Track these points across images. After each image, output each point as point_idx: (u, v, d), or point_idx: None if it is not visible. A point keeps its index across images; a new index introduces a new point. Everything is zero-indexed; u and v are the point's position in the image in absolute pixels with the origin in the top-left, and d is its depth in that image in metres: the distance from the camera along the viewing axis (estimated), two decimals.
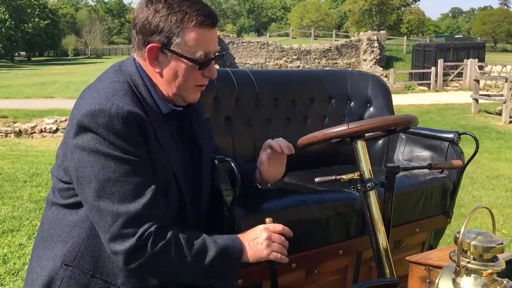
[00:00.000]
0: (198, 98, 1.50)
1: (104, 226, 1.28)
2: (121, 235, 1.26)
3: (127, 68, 1.43)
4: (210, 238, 1.38)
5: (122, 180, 1.26)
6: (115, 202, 1.26)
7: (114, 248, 1.28)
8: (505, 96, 12.41)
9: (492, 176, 6.91)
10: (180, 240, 1.33)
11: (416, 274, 1.45)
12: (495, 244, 1.11)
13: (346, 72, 2.78)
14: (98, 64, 44.66)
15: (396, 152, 2.65)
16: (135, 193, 1.28)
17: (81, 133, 1.28)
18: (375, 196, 1.62)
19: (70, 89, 20.79)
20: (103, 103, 1.28)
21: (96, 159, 1.26)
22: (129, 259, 1.28)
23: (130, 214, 1.27)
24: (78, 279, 1.36)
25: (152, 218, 1.30)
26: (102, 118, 1.26)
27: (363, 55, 26.51)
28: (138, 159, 1.29)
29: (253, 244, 1.43)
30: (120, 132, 1.27)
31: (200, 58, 1.39)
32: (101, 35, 71.47)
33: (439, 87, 21.64)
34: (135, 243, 1.26)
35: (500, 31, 66.38)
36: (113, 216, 1.26)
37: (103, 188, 1.26)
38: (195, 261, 1.33)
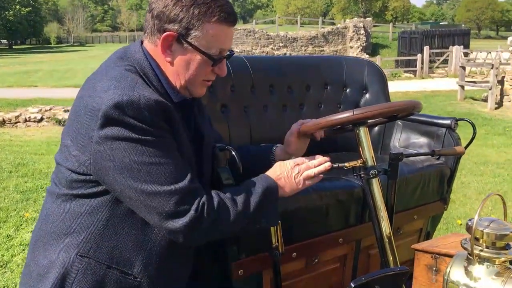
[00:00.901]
0: (204, 93, 1.47)
1: (157, 208, 1.27)
2: (178, 212, 1.28)
3: (135, 55, 1.38)
4: (249, 189, 1.43)
5: (163, 161, 1.27)
6: (163, 183, 1.26)
7: (173, 226, 1.28)
8: (491, 82, 12.50)
9: (480, 162, 6.97)
10: (226, 200, 1.37)
11: (422, 262, 1.44)
12: (508, 231, 1.09)
13: (342, 59, 2.75)
14: (81, 52, 44.10)
15: (393, 139, 2.63)
16: (179, 171, 1.29)
17: (109, 125, 1.23)
18: (378, 183, 1.59)
19: (54, 78, 20.51)
20: (129, 93, 1.24)
21: (132, 146, 1.24)
22: (190, 232, 1.30)
23: (183, 190, 1.28)
24: (94, 270, 1.33)
25: (199, 189, 1.33)
26: (132, 110, 1.23)
27: (349, 42, 26.51)
28: (170, 140, 1.30)
29: (287, 179, 1.50)
30: (150, 121, 1.25)
31: (215, 54, 1.36)
32: (84, 23, 70.47)
33: (425, 74, 21.75)
34: (194, 215, 1.29)
35: (484, 18, 66.92)
36: (166, 196, 1.27)
37: (147, 173, 1.25)
38: (243, 213, 1.38)
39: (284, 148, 1.71)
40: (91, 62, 26.77)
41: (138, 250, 1.36)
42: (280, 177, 1.50)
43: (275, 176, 1.49)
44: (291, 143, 1.68)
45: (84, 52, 43.30)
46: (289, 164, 1.52)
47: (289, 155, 1.69)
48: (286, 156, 1.70)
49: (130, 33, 73.34)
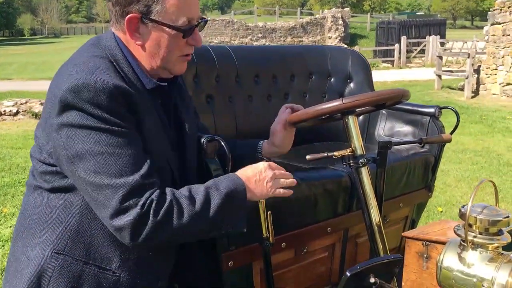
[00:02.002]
0: (185, 69, 1.42)
1: (104, 202, 1.20)
2: (123, 208, 1.19)
3: (106, 42, 1.33)
4: (212, 187, 1.32)
5: (116, 152, 1.20)
6: (112, 176, 1.19)
7: (118, 223, 1.20)
8: (467, 71, 12.69)
9: (458, 150, 7.08)
10: (181, 199, 1.27)
11: (413, 250, 1.44)
12: (501, 217, 1.10)
13: (326, 48, 2.74)
14: (56, 44, 43.27)
15: (377, 128, 2.64)
16: (131, 164, 1.21)
17: (66, 111, 1.19)
18: (367, 172, 1.59)
19: (28, 70, 20.10)
20: (87, 77, 1.19)
21: (86, 134, 1.18)
22: (135, 231, 1.21)
23: (130, 185, 1.20)
24: (71, 267, 1.29)
25: (151, 186, 1.24)
26: (87, 93, 1.17)
27: (328, 33, 26.57)
28: (128, 130, 1.23)
29: (258, 183, 1.39)
30: (107, 107, 1.19)
31: (183, 25, 1.31)
32: (59, 14, 69.02)
33: (402, 64, 21.98)
34: (139, 212, 1.19)
35: (459, 8, 67.77)
36: (112, 190, 1.19)
37: (97, 163, 1.19)
38: (201, 214, 1.27)
39: (271, 139, 1.66)
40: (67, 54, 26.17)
41: (115, 245, 1.31)
42: (250, 178, 1.39)
43: (245, 177, 1.38)
44: (277, 132, 1.64)
45: (59, 44, 42.50)
46: (262, 166, 1.41)
47: (275, 147, 1.66)
48: (273, 149, 1.66)
49: (106, 24, 72.12)
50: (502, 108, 10.89)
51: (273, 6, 45.57)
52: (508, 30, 11.63)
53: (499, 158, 6.65)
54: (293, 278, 1.98)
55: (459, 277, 1.14)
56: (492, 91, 12.34)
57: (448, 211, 4.67)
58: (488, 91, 12.47)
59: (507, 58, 11.73)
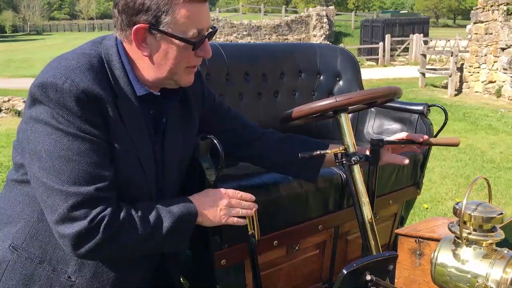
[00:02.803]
0: (192, 81, 1.37)
1: (52, 206, 1.17)
2: (71, 217, 1.16)
3: (107, 42, 1.29)
4: (165, 209, 1.30)
5: (75, 159, 1.16)
6: (65, 182, 1.15)
7: (62, 231, 1.16)
8: (451, 69, 12.83)
9: (442, 148, 7.13)
10: (134, 220, 1.23)
11: (406, 247, 1.45)
12: (495, 214, 1.12)
13: (316, 46, 2.74)
14: (39, 41, 42.66)
15: (366, 126, 2.66)
16: (88, 174, 1.17)
17: (35, 104, 1.17)
18: (360, 169, 1.59)
19: (10, 68, 19.80)
20: (57, 75, 1.15)
21: (48, 133, 1.15)
22: (78, 243, 1.17)
23: (81, 195, 1.16)
24: (25, 264, 1.27)
25: (104, 201, 1.19)
26: (53, 92, 1.14)
27: (313, 31, 26.65)
28: (94, 138, 1.18)
29: (212, 209, 1.38)
30: (74, 110, 1.15)
31: (193, 37, 1.26)
32: (41, 10, 68.07)
33: (387, 62, 22.14)
34: (86, 226, 1.16)
35: (441, 6, 68.49)
36: (63, 196, 1.15)
37: (53, 165, 1.15)
38: (150, 236, 1.26)
39: None
40: (49, 51, 25.91)
41: None
42: (205, 203, 1.38)
43: (199, 202, 1.38)
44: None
45: (42, 41, 41.93)
46: (219, 193, 1.41)
47: None
48: None
49: (90, 21, 71.38)
50: (484, 106, 11.04)
51: (258, 3, 45.55)
52: (490, 28, 11.78)
53: (483, 155, 6.74)
54: (285, 275, 1.99)
55: (453, 274, 1.16)
56: (475, 89, 12.50)
57: (433, 207, 4.72)
58: (471, 89, 12.63)
59: (489, 57, 11.89)
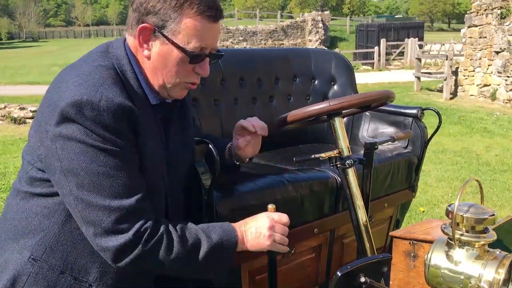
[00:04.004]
0: (184, 96, 1.39)
1: (95, 221, 1.19)
2: (115, 230, 1.19)
3: (116, 51, 1.31)
4: (204, 233, 1.31)
5: (113, 174, 1.18)
6: (106, 197, 1.18)
7: (106, 244, 1.19)
8: (446, 73, 12.89)
9: (438, 151, 7.17)
10: (173, 236, 1.26)
11: (400, 249, 1.46)
12: (487, 215, 1.13)
13: (310, 50, 2.76)
14: (34, 48, 42.63)
15: (361, 129, 2.67)
16: (127, 187, 1.20)
17: (65, 123, 1.16)
18: (354, 173, 1.61)
19: (6, 75, 19.76)
20: (91, 93, 1.16)
21: (83, 151, 1.16)
22: (120, 255, 1.20)
23: (125, 209, 1.19)
24: (46, 275, 1.27)
25: (145, 213, 1.23)
26: (90, 111, 1.15)
27: (308, 36, 26.74)
28: (128, 152, 1.21)
29: (255, 234, 1.38)
30: (109, 126, 1.17)
31: (193, 50, 1.27)
32: (37, 17, 68.05)
33: (382, 66, 22.23)
34: (130, 238, 1.19)
35: (436, 11, 68.94)
36: (106, 211, 1.18)
37: (92, 182, 1.17)
38: (188, 257, 1.27)
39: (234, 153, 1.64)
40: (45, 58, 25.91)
41: (95, 257, 1.29)
42: (246, 231, 1.38)
43: (240, 229, 1.38)
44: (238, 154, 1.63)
45: (38, 48, 41.90)
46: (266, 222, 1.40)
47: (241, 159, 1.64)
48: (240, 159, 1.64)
49: (86, 28, 71.39)
50: (479, 109, 11.09)
51: (254, 9, 45.70)
52: (484, 32, 11.86)
53: (478, 158, 6.77)
54: (281, 279, 1.98)
55: (446, 275, 1.17)
56: (470, 92, 12.57)
57: (429, 210, 4.73)
58: (466, 93, 12.69)
59: (484, 60, 11.96)
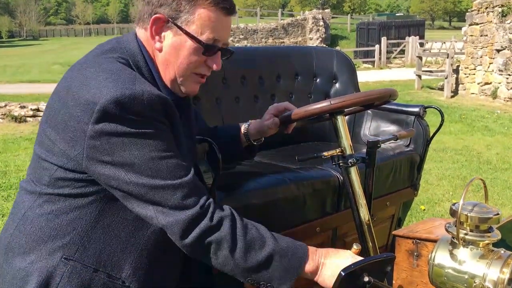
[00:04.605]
0: (196, 91, 1.40)
1: (160, 201, 1.21)
2: (182, 206, 1.21)
3: (128, 45, 1.31)
4: (271, 233, 1.30)
5: (165, 155, 1.21)
6: (167, 178, 1.21)
7: (174, 218, 1.21)
8: (447, 71, 12.88)
9: (439, 149, 7.17)
10: (236, 220, 1.26)
11: (404, 248, 1.46)
12: (491, 215, 1.12)
13: (312, 48, 2.76)
14: (35, 46, 42.65)
15: (363, 128, 2.66)
16: (182, 166, 1.24)
17: (107, 120, 1.16)
18: (357, 171, 1.60)
19: (7, 73, 19.78)
20: (132, 88, 1.18)
21: (132, 141, 1.18)
22: (189, 228, 1.21)
23: (187, 185, 1.22)
24: (80, 274, 1.25)
25: (204, 189, 1.27)
26: (135, 105, 1.17)
27: (309, 34, 26.72)
28: (171, 136, 1.25)
29: (333, 270, 1.28)
30: (152, 117, 1.20)
31: (207, 42, 1.29)
32: (37, 16, 68.03)
33: (383, 65, 22.22)
34: (198, 211, 1.22)
35: (437, 9, 68.86)
36: (170, 190, 1.21)
37: (149, 168, 1.19)
38: (247, 249, 1.25)
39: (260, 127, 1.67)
40: (46, 57, 25.92)
41: (128, 253, 1.30)
42: (325, 264, 1.30)
43: (315, 256, 1.31)
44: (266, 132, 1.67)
45: (38, 46, 41.92)
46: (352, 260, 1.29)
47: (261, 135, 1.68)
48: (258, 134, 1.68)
49: (86, 26, 71.36)
50: (480, 107, 11.08)
51: (254, 7, 45.69)
52: (485, 30, 11.84)
53: (479, 156, 6.76)
54: None
55: (451, 274, 1.16)
56: (471, 90, 12.55)
57: (430, 209, 4.73)
58: (467, 91, 12.68)
59: (485, 58, 11.94)
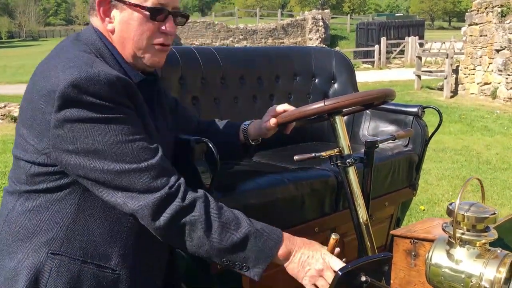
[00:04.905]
0: (160, 63, 1.37)
1: (127, 186, 1.20)
2: (150, 188, 1.20)
3: (88, 37, 1.32)
4: (245, 216, 1.29)
5: (130, 139, 1.20)
6: (132, 162, 1.19)
7: (143, 202, 1.19)
8: (446, 71, 12.88)
9: (438, 149, 7.17)
10: (210, 201, 1.26)
11: (401, 248, 1.46)
12: (488, 214, 1.13)
13: (310, 49, 2.76)
14: (34, 47, 42.60)
15: (361, 128, 2.67)
16: (148, 148, 1.22)
17: (68, 106, 1.15)
18: (355, 171, 1.60)
19: (7, 74, 19.78)
20: (88, 70, 1.17)
21: (94, 126, 1.17)
22: (158, 211, 1.20)
23: (154, 167, 1.21)
24: (69, 267, 1.25)
25: (174, 171, 1.25)
26: (91, 86, 1.15)
27: (308, 34, 26.73)
28: (135, 119, 1.23)
29: (303, 263, 1.31)
30: (111, 98, 1.18)
31: (152, 6, 1.27)
32: (37, 16, 68.00)
33: (382, 65, 22.22)
34: (167, 192, 1.21)
35: (436, 9, 68.84)
36: (136, 173, 1.19)
37: (114, 153, 1.18)
38: (222, 230, 1.24)
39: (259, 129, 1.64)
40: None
41: (114, 241, 1.29)
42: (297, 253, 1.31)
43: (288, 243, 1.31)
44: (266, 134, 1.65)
45: (38, 47, 41.86)
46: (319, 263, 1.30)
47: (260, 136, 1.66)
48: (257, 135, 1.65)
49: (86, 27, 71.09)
50: (480, 107, 11.09)
51: (254, 8, 45.70)
52: (485, 30, 11.84)
53: (479, 156, 6.77)
54: (282, 279, 1.98)
55: (448, 274, 1.16)
56: (471, 90, 12.56)
57: (430, 209, 4.73)
58: (467, 91, 12.68)
59: (484, 58, 11.95)
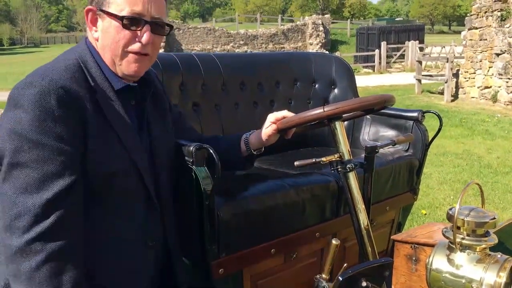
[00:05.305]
0: (138, 71, 1.38)
1: (1, 211, 1.16)
2: (11, 226, 1.14)
3: (79, 45, 1.39)
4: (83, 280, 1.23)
5: (30, 166, 1.15)
6: (16, 190, 1.15)
7: (3, 240, 1.16)
8: (446, 75, 12.88)
9: (439, 153, 7.16)
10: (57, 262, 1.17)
11: (402, 253, 1.46)
12: (488, 219, 1.13)
13: (310, 54, 2.77)
14: (36, 54, 42.76)
15: (362, 133, 2.67)
16: (40, 183, 1.15)
17: (9, 109, 1.19)
18: (355, 176, 1.60)
19: (8, 81, 19.82)
20: (36, 76, 1.20)
21: (11, 139, 1.16)
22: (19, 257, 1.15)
23: (26, 207, 1.14)
24: None
25: (48, 216, 1.15)
26: (31, 89, 1.17)
27: (309, 39, 26.79)
28: (59, 144, 1.18)
29: None
30: (48, 108, 1.17)
31: (126, 15, 1.31)
32: (38, 23, 68.16)
33: (383, 69, 22.23)
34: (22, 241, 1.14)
35: (436, 13, 68.87)
36: (10, 204, 1.15)
37: (9, 171, 1.15)
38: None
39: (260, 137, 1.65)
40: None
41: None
42: None
43: None
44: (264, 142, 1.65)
45: (39, 54, 42.02)
46: None
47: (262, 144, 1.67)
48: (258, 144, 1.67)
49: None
50: (481, 111, 11.07)
51: (254, 13, 45.83)
52: (485, 34, 11.85)
53: (480, 160, 6.75)
54: (283, 284, 1.99)
55: (448, 279, 1.16)
56: (471, 94, 12.55)
57: (431, 213, 4.72)
58: (467, 95, 12.68)
59: (484, 62, 11.94)
